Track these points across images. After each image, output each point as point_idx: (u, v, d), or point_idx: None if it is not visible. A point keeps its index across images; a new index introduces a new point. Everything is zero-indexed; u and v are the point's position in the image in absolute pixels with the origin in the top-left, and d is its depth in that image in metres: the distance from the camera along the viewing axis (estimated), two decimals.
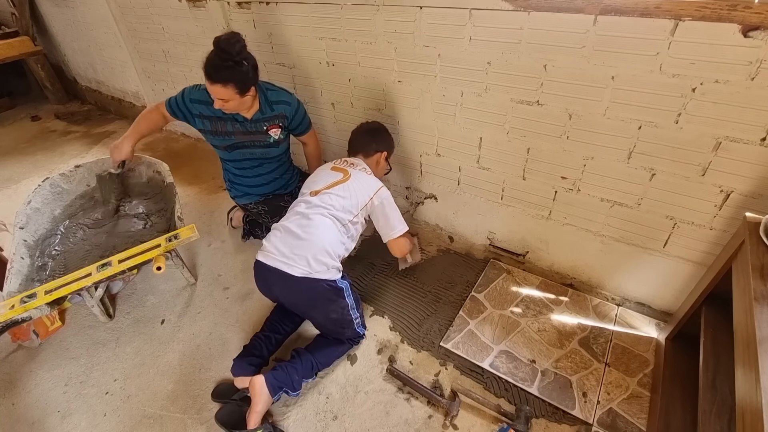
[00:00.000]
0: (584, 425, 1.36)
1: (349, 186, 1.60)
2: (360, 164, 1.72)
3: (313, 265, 1.45)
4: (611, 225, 1.59)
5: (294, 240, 1.49)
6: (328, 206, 1.54)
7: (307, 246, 1.47)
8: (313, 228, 1.50)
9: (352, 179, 1.62)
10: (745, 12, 1.04)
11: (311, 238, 1.48)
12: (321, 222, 1.51)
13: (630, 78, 1.27)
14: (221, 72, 1.61)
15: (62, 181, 2.14)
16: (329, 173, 1.67)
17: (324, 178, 1.65)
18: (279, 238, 1.53)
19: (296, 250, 1.47)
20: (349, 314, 1.57)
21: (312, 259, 1.46)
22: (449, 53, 1.60)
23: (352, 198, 1.58)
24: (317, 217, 1.52)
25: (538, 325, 1.68)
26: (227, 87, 1.63)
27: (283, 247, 1.49)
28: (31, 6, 3.84)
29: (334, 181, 1.62)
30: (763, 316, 0.85)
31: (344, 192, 1.58)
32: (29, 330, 1.77)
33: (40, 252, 1.96)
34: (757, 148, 1.18)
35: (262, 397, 1.40)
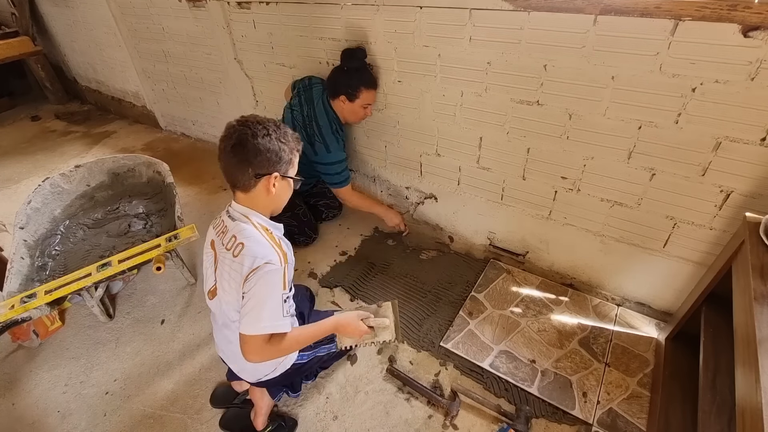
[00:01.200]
0: (584, 425, 1.36)
1: (220, 285, 1.16)
2: (231, 226, 1.14)
3: (258, 373, 1.26)
4: (611, 225, 1.59)
5: (226, 349, 1.28)
6: (227, 315, 1.18)
7: (241, 361, 1.17)
8: (234, 347, 1.15)
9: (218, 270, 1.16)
10: (745, 12, 1.03)
11: (237, 359, 1.19)
12: (235, 337, 1.12)
13: (630, 78, 1.27)
14: (375, 76, 1.85)
15: (62, 181, 2.14)
16: (208, 257, 1.25)
17: (205, 267, 1.27)
18: (217, 337, 1.34)
19: (235, 358, 1.24)
20: (331, 354, 1.40)
21: (255, 369, 1.25)
22: (449, 53, 1.60)
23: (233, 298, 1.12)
24: (228, 333, 1.23)
25: (538, 325, 1.68)
26: (377, 89, 1.88)
27: (224, 350, 1.31)
28: (31, 6, 3.83)
29: (213, 282, 1.21)
30: (763, 316, 0.85)
31: (225, 292, 1.15)
32: (29, 330, 1.77)
33: (40, 252, 1.96)
34: (757, 148, 1.18)
35: (264, 401, 1.40)
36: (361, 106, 1.84)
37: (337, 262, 2.09)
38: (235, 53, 2.47)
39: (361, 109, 1.86)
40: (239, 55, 2.46)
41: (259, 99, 2.61)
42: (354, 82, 1.78)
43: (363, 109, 1.87)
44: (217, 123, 3.10)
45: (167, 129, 3.64)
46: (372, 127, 2.10)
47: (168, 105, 3.40)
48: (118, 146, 3.50)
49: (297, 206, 2.14)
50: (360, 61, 1.78)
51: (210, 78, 2.80)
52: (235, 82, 2.63)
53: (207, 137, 3.31)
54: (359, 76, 1.79)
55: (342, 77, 1.80)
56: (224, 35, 2.42)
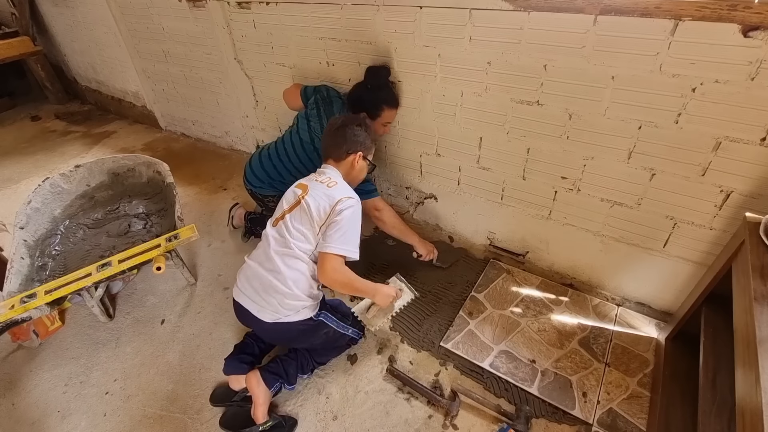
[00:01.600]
0: (584, 425, 1.36)
1: (304, 207, 1.39)
2: (326, 173, 1.51)
3: (281, 310, 1.35)
4: (611, 225, 1.59)
5: (260, 282, 1.38)
6: (287, 240, 1.37)
7: (272, 290, 1.35)
8: (275, 271, 1.36)
9: (307, 197, 1.41)
10: (745, 12, 1.04)
11: (275, 283, 1.35)
12: (281, 263, 1.35)
13: (630, 78, 1.27)
14: (397, 95, 1.86)
15: (62, 181, 2.14)
16: (291, 192, 1.49)
17: (286, 200, 1.49)
18: (247, 275, 1.43)
19: (263, 294, 1.37)
20: (336, 333, 1.52)
21: (279, 305, 1.35)
22: (449, 53, 1.60)
23: (308, 221, 1.38)
24: (277, 258, 1.36)
25: (538, 325, 1.68)
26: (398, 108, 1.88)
27: (249, 288, 1.40)
28: (31, 6, 3.83)
29: (291, 204, 1.44)
30: (763, 316, 0.85)
31: (299, 217, 1.40)
32: (29, 330, 1.77)
33: (40, 252, 1.96)
34: (757, 148, 1.18)
35: (260, 390, 1.41)
36: (382, 124, 1.84)
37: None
38: (235, 53, 2.47)
39: (381, 127, 1.86)
40: (239, 55, 2.46)
41: (259, 99, 2.61)
42: (377, 101, 1.78)
43: (383, 127, 1.87)
44: (217, 123, 3.11)
45: (167, 129, 3.64)
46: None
47: (168, 105, 3.40)
48: (118, 146, 3.50)
49: None
50: (384, 79, 1.79)
51: (210, 78, 2.81)
52: (235, 82, 2.63)
53: (207, 137, 3.31)
54: (383, 94, 1.79)
55: (365, 95, 1.79)
56: (224, 35, 2.42)
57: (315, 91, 1.95)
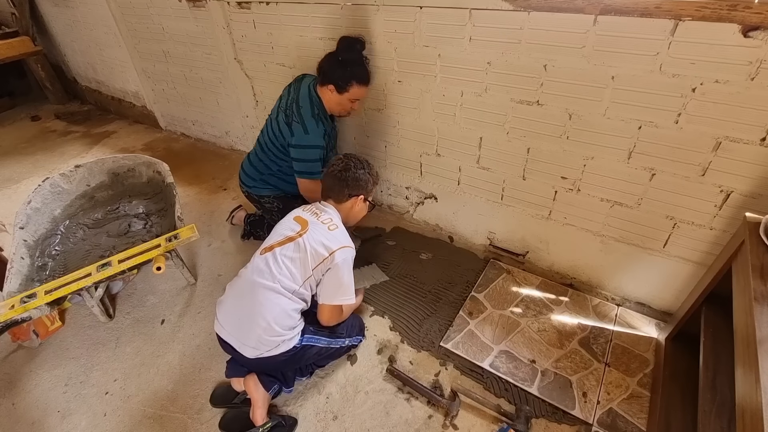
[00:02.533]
0: (584, 425, 1.36)
1: (300, 245, 1.38)
2: (327, 212, 1.50)
3: (261, 346, 1.33)
4: (611, 225, 1.59)
5: (239, 316, 1.36)
6: (273, 274, 1.35)
7: (251, 326, 1.32)
8: (256, 306, 1.33)
9: (306, 235, 1.39)
10: (745, 12, 1.04)
11: (254, 317, 1.32)
12: (263, 297, 1.33)
13: (630, 78, 1.27)
14: (369, 72, 1.77)
15: (62, 181, 2.14)
16: (290, 224, 1.47)
17: (282, 229, 1.47)
18: (227, 310, 1.40)
19: (243, 329, 1.35)
20: (328, 350, 1.50)
21: (258, 341, 1.32)
22: (449, 53, 1.60)
23: (300, 260, 1.37)
24: (259, 291, 1.34)
25: (538, 325, 1.68)
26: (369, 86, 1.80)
27: (230, 323, 1.38)
28: (31, 6, 3.83)
29: (288, 236, 1.42)
30: (763, 316, 0.85)
31: (292, 253, 1.37)
32: (29, 330, 1.77)
33: (40, 252, 1.96)
34: (757, 148, 1.18)
35: (258, 393, 1.41)
36: (349, 99, 1.77)
37: None
38: (235, 53, 2.47)
39: (348, 103, 1.78)
40: (239, 55, 2.46)
41: (259, 99, 2.61)
42: (346, 75, 1.70)
43: (350, 103, 1.79)
44: (217, 123, 3.11)
45: (167, 129, 3.64)
46: (372, 127, 2.10)
47: (168, 105, 3.40)
48: (118, 146, 3.50)
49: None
50: (357, 53, 1.72)
51: (210, 78, 2.80)
52: (235, 82, 2.63)
53: (207, 137, 3.31)
54: (353, 69, 1.71)
55: (335, 66, 1.71)
56: (224, 35, 2.42)
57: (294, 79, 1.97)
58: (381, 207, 2.42)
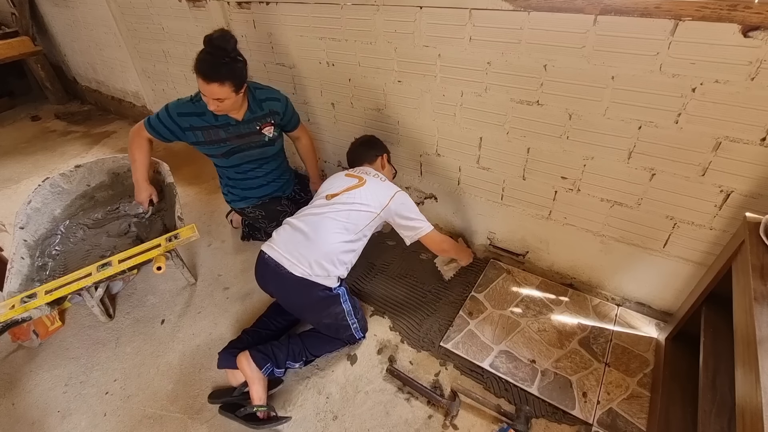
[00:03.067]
0: (584, 425, 1.36)
1: (364, 191, 1.59)
2: (372, 171, 1.73)
3: (314, 268, 1.46)
4: (611, 225, 1.59)
5: (301, 239, 1.50)
6: (342, 212, 1.53)
7: (313, 248, 1.47)
8: (323, 232, 1.50)
9: (367, 184, 1.61)
10: (745, 12, 1.03)
11: (318, 242, 1.48)
12: (331, 227, 1.51)
13: (630, 78, 1.27)
14: (218, 69, 1.57)
15: (62, 181, 2.14)
16: (344, 178, 1.67)
17: (339, 183, 1.65)
18: (288, 234, 1.54)
19: (301, 250, 1.48)
20: (344, 320, 1.58)
21: (314, 263, 1.46)
22: (449, 53, 1.60)
23: (368, 204, 1.57)
24: (328, 221, 1.51)
25: (538, 325, 1.68)
26: (224, 85, 1.59)
27: (289, 244, 1.50)
28: (31, 6, 3.84)
29: (349, 185, 1.61)
30: (763, 316, 0.85)
31: (359, 197, 1.57)
32: (29, 330, 1.77)
33: (40, 252, 1.96)
34: (757, 148, 1.18)
35: (251, 370, 1.42)
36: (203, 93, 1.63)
37: None
38: None
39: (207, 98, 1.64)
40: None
41: None
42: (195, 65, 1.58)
43: (206, 98, 1.64)
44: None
45: None
46: (372, 127, 2.10)
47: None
48: (118, 146, 3.50)
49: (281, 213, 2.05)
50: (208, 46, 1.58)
51: None
52: None
53: None
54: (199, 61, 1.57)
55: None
56: None
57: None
58: None
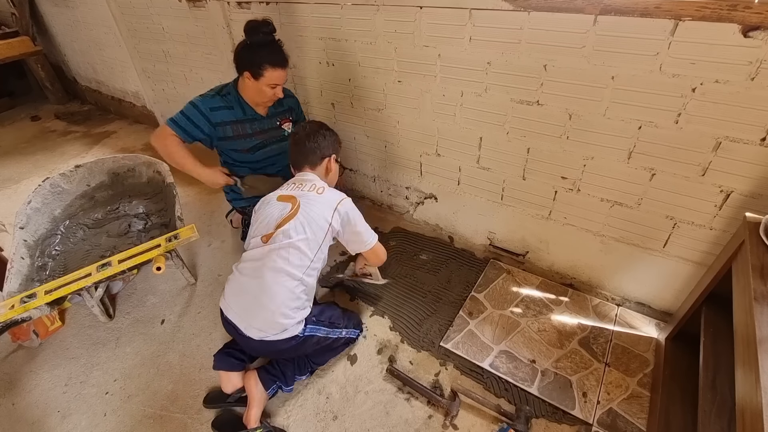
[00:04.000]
0: (584, 425, 1.36)
1: (300, 221, 1.39)
2: (309, 181, 1.51)
3: (268, 329, 1.34)
4: (611, 225, 1.59)
5: (249, 299, 1.37)
6: (281, 257, 1.35)
7: (261, 309, 1.34)
8: (266, 288, 1.34)
9: (302, 208, 1.41)
10: (745, 12, 1.04)
11: (264, 301, 1.34)
12: (273, 279, 1.34)
13: (630, 78, 1.27)
14: (284, 54, 1.70)
15: (62, 181, 2.14)
16: (276, 205, 1.46)
17: (271, 213, 1.44)
18: (235, 290, 1.41)
19: (251, 311, 1.36)
20: (326, 340, 1.51)
21: (268, 324, 1.34)
22: (449, 53, 1.60)
23: (307, 235, 1.38)
24: (269, 273, 1.34)
25: (538, 325, 1.68)
26: (286, 69, 1.72)
27: (239, 305, 1.38)
28: (31, 6, 3.83)
29: (282, 217, 1.41)
30: (763, 316, 0.85)
31: (295, 231, 1.37)
32: (29, 330, 1.77)
33: (40, 252, 1.96)
34: (757, 148, 1.18)
35: (257, 391, 1.41)
36: (268, 86, 1.71)
37: (337, 262, 2.09)
38: None
39: (269, 90, 1.72)
40: None
41: None
42: (257, 59, 1.65)
43: (270, 90, 1.72)
44: None
45: None
46: (372, 127, 2.10)
47: (168, 105, 3.39)
48: (118, 146, 3.50)
49: None
50: (265, 35, 1.64)
51: (210, 78, 2.80)
52: None
53: None
54: (264, 52, 1.65)
55: (245, 52, 1.67)
56: (224, 35, 2.42)
57: None
58: (381, 207, 2.43)
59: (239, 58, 1.70)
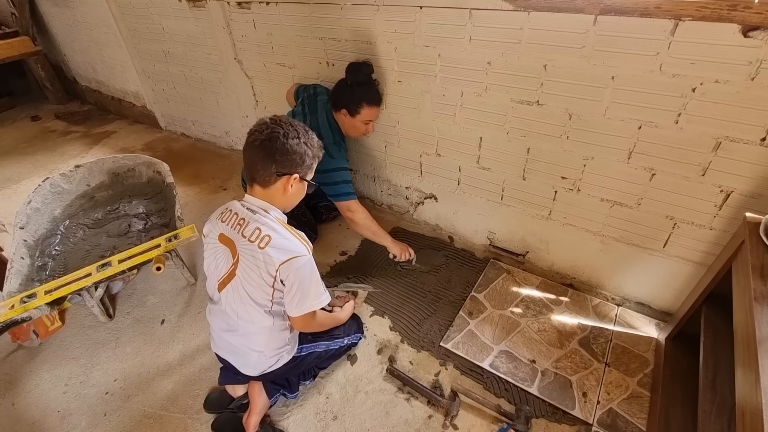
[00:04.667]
0: (584, 425, 1.36)
1: (241, 281, 1.18)
2: (253, 218, 1.17)
3: (261, 366, 1.30)
4: (611, 225, 1.59)
5: (231, 345, 1.30)
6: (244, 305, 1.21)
7: (246, 355, 1.29)
8: (243, 335, 1.26)
9: (240, 268, 1.17)
10: (745, 12, 1.04)
11: (245, 350, 1.28)
12: (246, 331, 1.25)
13: (630, 78, 1.27)
14: (380, 93, 1.84)
15: (62, 181, 2.14)
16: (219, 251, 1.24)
17: (216, 262, 1.26)
18: (218, 337, 1.33)
19: (238, 355, 1.31)
20: (328, 351, 1.50)
21: (258, 362, 1.30)
22: (449, 53, 1.60)
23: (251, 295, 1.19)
24: (240, 321, 1.23)
25: (538, 325, 1.68)
26: (380, 107, 1.87)
27: (226, 347, 1.33)
28: (31, 6, 3.83)
29: (222, 277, 1.23)
30: (763, 316, 0.85)
31: (239, 292, 1.19)
32: (29, 330, 1.77)
33: (40, 252, 1.96)
34: (757, 148, 1.18)
35: (260, 399, 1.40)
36: (362, 122, 1.82)
37: (337, 262, 2.09)
38: (235, 53, 2.47)
39: (363, 125, 1.83)
40: (239, 55, 2.46)
41: (259, 99, 2.61)
42: (356, 98, 1.76)
43: (364, 125, 1.84)
44: (217, 123, 3.11)
45: (167, 129, 3.64)
46: None
47: (168, 105, 3.40)
48: (118, 146, 3.50)
49: (297, 207, 2.13)
50: (365, 76, 1.76)
51: (210, 78, 2.81)
52: (235, 82, 2.63)
53: (207, 137, 3.31)
54: (362, 91, 1.76)
55: (345, 91, 1.78)
56: (224, 35, 2.42)
57: (305, 89, 1.98)
58: (381, 207, 2.43)
59: (339, 96, 1.80)
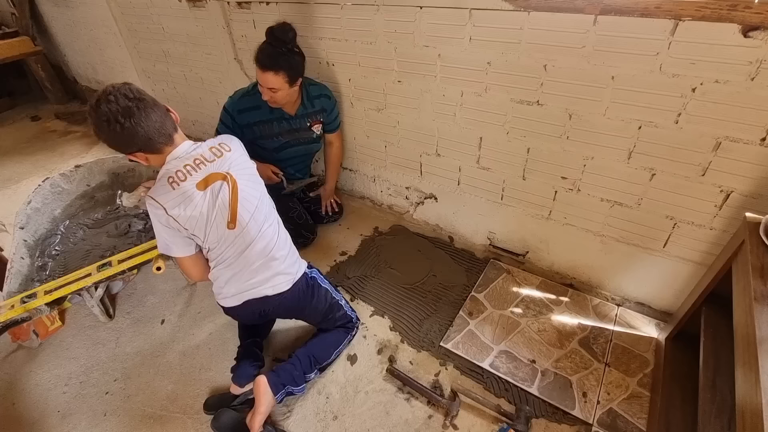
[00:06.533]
0: (584, 425, 1.36)
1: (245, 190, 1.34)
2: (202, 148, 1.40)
3: (290, 271, 1.44)
4: (611, 225, 1.59)
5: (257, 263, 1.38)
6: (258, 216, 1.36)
7: (275, 267, 1.40)
8: (267, 248, 1.37)
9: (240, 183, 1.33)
10: (745, 12, 1.04)
11: (272, 264, 1.39)
12: (268, 235, 1.38)
13: (630, 78, 1.27)
14: (275, 59, 1.66)
15: (62, 181, 2.14)
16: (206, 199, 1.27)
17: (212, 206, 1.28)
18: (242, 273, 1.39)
19: (269, 272, 1.40)
20: (333, 298, 1.60)
21: (286, 272, 1.42)
22: (449, 53, 1.60)
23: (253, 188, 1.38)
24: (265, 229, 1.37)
25: (538, 325, 1.68)
26: (278, 75, 1.68)
27: (253, 276, 1.39)
28: (31, 6, 3.83)
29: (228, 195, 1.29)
30: (763, 316, 0.85)
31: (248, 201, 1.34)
32: (29, 330, 1.77)
33: (40, 252, 1.96)
34: (757, 148, 1.18)
35: (266, 397, 1.38)
36: (261, 84, 1.72)
37: (337, 262, 2.09)
38: (235, 53, 2.47)
39: (264, 90, 1.73)
40: (239, 55, 2.46)
41: None
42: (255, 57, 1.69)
43: (265, 90, 1.73)
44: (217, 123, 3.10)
45: None
46: (372, 127, 2.10)
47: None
48: None
49: (292, 209, 2.12)
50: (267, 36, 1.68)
51: (210, 78, 2.80)
52: (235, 82, 2.63)
53: (207, 137, 3.29)
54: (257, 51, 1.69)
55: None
56: (224, 35, 2.42)
57: None
58: (381, 207, 2.43)
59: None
